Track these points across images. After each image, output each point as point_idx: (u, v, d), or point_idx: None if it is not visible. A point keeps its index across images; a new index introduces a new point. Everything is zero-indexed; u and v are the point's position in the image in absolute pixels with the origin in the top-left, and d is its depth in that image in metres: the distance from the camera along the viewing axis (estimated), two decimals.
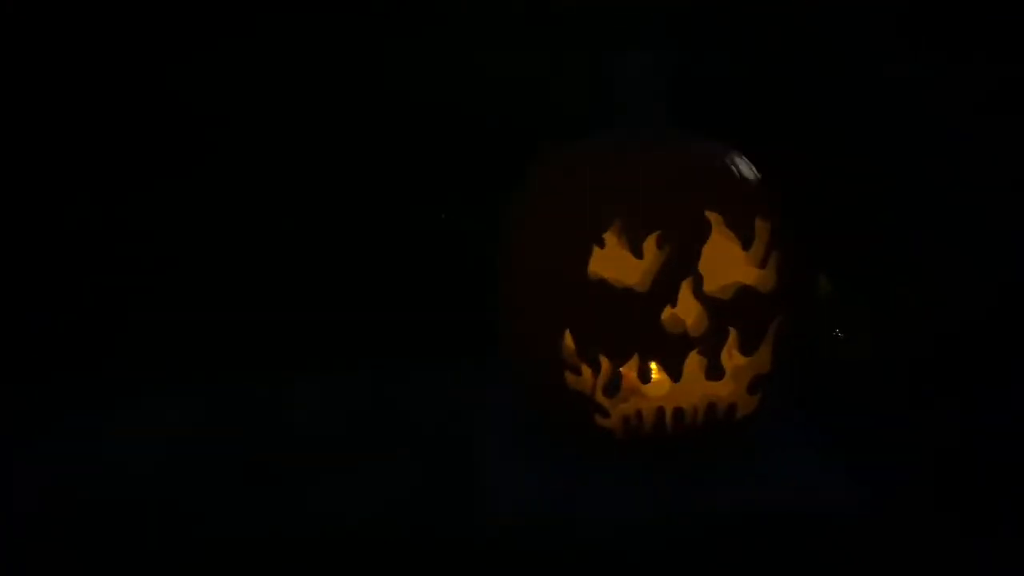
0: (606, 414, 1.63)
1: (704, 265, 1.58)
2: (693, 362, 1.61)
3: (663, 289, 1.58)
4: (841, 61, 2.19)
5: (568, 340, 1.60)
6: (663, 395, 1.65)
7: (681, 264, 1.57)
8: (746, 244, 1.60)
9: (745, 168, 1.64)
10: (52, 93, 2.10)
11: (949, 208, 2.18)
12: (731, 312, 1.60)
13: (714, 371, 1.61)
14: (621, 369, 1.62)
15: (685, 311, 1.59)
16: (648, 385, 1.65)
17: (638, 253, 1.58)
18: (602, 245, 1.58)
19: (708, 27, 2.15)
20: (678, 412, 1.62)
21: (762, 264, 1.62)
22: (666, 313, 1.59)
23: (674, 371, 1.60)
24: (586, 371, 1.61)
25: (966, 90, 2.18)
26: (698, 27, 2.14)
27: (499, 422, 1.81)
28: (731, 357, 1.63)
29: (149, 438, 1.82)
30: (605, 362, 1.60)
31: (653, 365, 1.63)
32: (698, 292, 1.58)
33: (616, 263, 1.59)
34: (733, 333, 1.60)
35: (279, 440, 1.82)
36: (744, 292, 1.61)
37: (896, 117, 2.19)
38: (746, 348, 1.62)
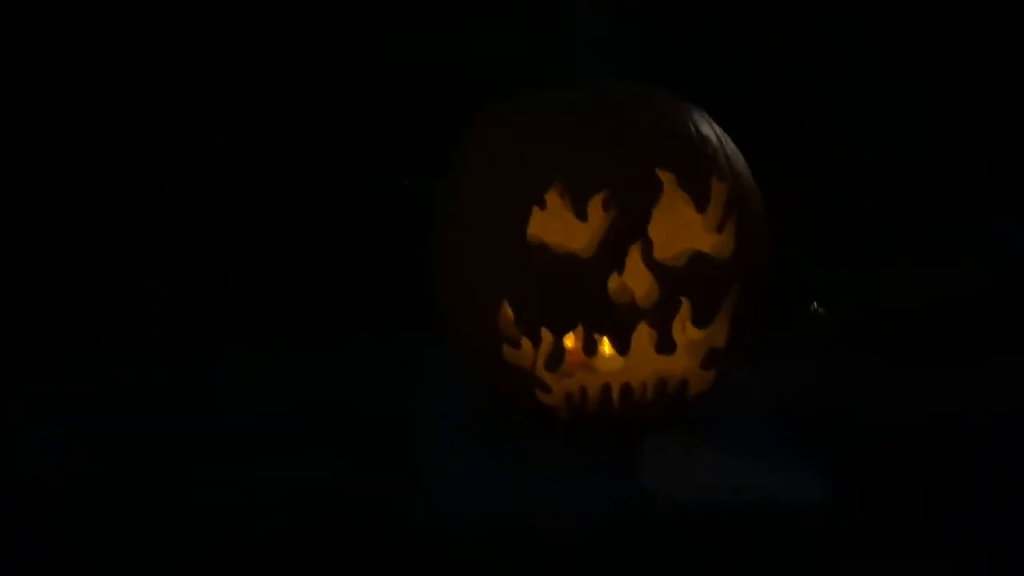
0: (548, 390, 1.50)
1: (655, 229, 1.45)
2: (643, 335, 1.48)
3: (609, 255, 1.44)
4: (834, 45, 2.10)
5: (506, 310, 1.47)
6: (615, 371, 1.52)
7: (629, 227, 1.44)
8: (701, 207, 1.47)
9: (702, 124, 1.50)
10: None
11: (937, 192, 2.09)
12: (684, 281, 1.46)
13: (665, 344, 1.48)
14: (565, 342, 1.49)
15: (634, 279, 1.46)
16: (600, 360, 1.52)
17: (582, 215, 1.44)
18: (543, 206, 1.44)
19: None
20: (625, 389, 1.49)
21: (719, 229, 1.48)
22: (613, 281, 1.45)
23: (621, 344, 1.47)
24: (526, 344, 1.48)
25: (958, 73, 2.10)
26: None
27: (441, 401, 1.68)
28: (684, 330, 1.50)
29: (74, 416, 1.69)
30: (546, 334, 1.47)
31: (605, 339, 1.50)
32: (648, 258, 1.45)
33: (559, 226, 1.45)
34: (686, 303, 1.47)
35: (210, 421, 1.68)
36: (698, 259, 1.47)
37: (887, 98, 2.11)
38: (700, 320, 1.48)
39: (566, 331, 1.47)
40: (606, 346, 1.50)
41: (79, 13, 2.01)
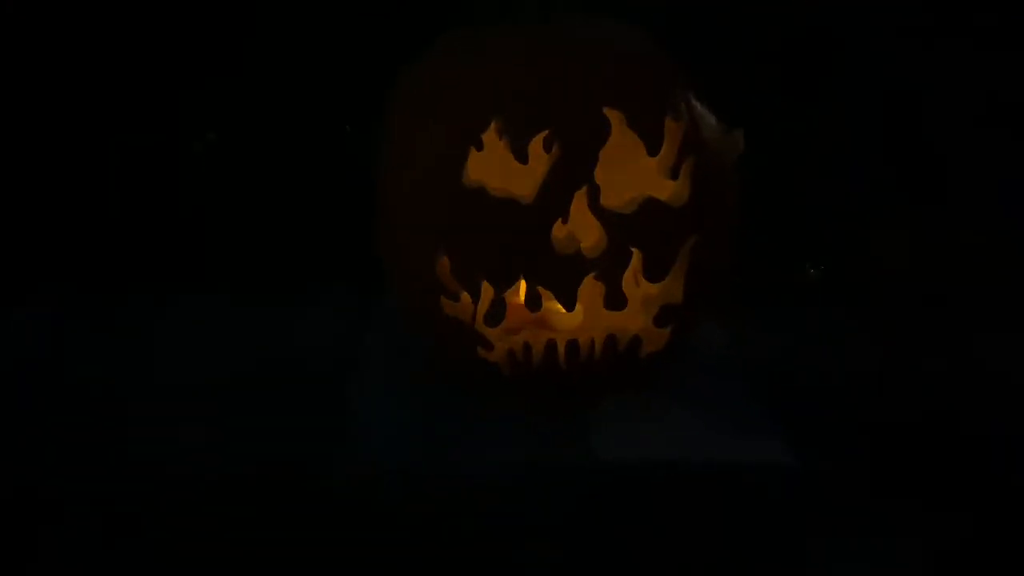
0: (489, 346, 1.40)
1: (602, 173, 1.33)
2: (591, 289, 1.37)
3: (552, 201, 1.33)
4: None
5: (443, 260, 1.36)
6: (569, 329, 1.41)
7: (573, 171, 1.32)
8: (653, 149, 1.35)
9: (657, 58, 1.38)
10: None
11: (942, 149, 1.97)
12: (634, 230, 1.34)
13: (614, 299, 1.36)
14: (509, 296, 1.38)
15: (580, 228, 1.35)
16: (553, 317, 1.42)
17: (522, 157, 1.33)
18: (480, 147, 1.33)
19: None
20: (572, 346, 1.39)
21: (673, 174, 1.36)
22: (557, 230, 1.34)
23: (567, 299, 1.36)
24: (465, 297, 1.38)
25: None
26: None
27: (380, 356, 1.59)
28: (637, 284, 1.39)
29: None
30: (486, 287, 1.36)
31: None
32: (594, 205, 1.33)
33: (498, 169, 1.34)
34: (637, 255, 1.35)
35: (138, 368, 1.60)
36: (650, 206, 1.35)
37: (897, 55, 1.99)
38: (653, 273, 1.37)
39: (507, 284, 1.36)
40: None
41: None
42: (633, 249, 1.35)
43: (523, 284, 1.37)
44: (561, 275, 1.35)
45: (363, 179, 1.74)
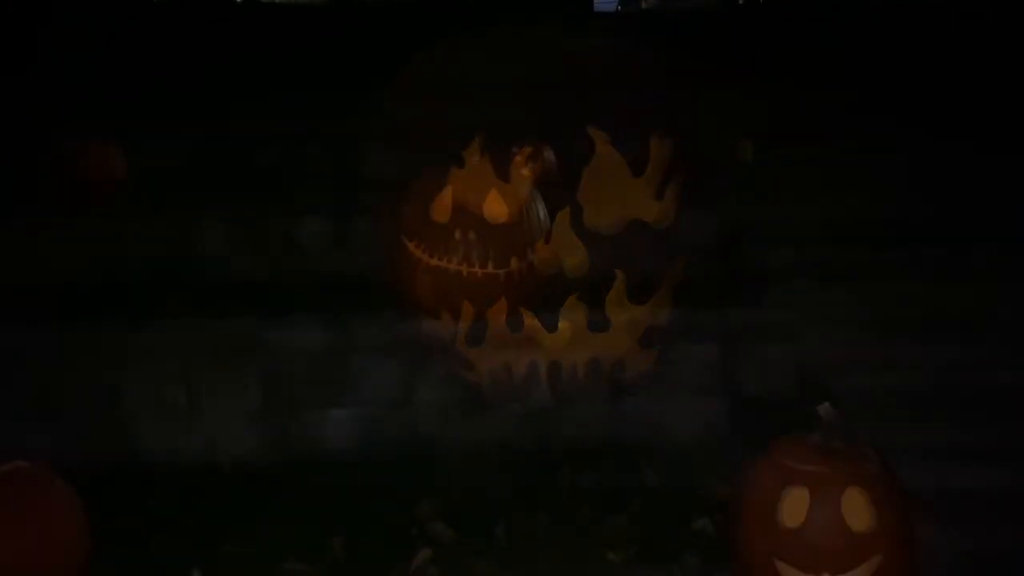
0: (471, 367, 1.37)
1: (586, 194, 1.31)
2: (574, 310, 1.34)
3: (534, 220, 1.31)
4: None
5: (423, 278, 1.34)
6: (558, 348, 1.38)
7: (556, 191, 1.30)
8: (637, 169, 1.32)
9: (643, 74, 1.35)
10: None
11: None
12: (618, 251, 1.32)
13: (597, 321, 1.34)
14: (491, 316, 1.36)
15: (562, 248, 1.32)
16: (542, 336, 1.39)
17: (503, 175, 1.31)
18: (461, 164, 1.31)
19: None
20: (553, 367, 1.36)
21: (658, 194, 1.34)
22: (538, 250, 1.32)
23: (548, 319, 1.33)
24: (445, 316, 1.35)
25: None
26: None
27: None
28: (621, 305, 1.36)
29: None
30: (466, 307, 1.34)
31: None
32: (577, 226, 1.31)
33: (479, 187, 1.32)
34: (621, 277, 1.33)
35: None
36: (635, 228, 1.33)
37: None
38: (637, 295, 1.34)
39: (487, 304, 1.34)
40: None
41: None
42: (617, 271, 1.33)
43: (505, 304, 1.35)
44: (542, 296, 1.33)
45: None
